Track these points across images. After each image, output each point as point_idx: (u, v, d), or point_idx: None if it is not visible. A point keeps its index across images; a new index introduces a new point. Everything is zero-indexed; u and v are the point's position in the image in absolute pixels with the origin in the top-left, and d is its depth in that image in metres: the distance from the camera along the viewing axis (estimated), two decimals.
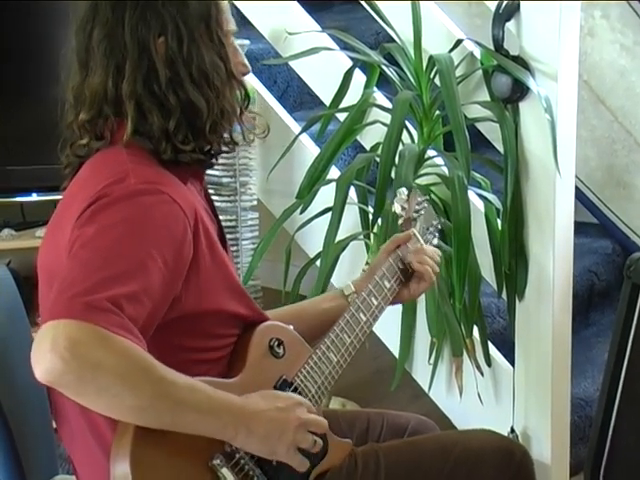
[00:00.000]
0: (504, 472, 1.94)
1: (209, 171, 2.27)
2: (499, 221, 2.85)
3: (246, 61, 1.95)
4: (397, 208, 2.21)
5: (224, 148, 1.93)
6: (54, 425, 2.07)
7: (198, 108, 1.83)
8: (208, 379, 1.74)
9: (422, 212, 2.23)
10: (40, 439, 2.04)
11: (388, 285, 2.12)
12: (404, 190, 2.25)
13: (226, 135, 1.92)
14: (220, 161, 2.10)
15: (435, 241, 2.33)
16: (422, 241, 2.21)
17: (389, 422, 2.17)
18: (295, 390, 1.88)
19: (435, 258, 2.19)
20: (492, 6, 2.78)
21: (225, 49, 1.88)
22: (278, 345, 1.91)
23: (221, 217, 2.05)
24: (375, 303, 2.07)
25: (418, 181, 2.82)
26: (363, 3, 3.00)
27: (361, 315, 2.03)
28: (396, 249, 2.17)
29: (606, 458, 2.00)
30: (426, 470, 1.95)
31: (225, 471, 1.70)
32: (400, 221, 2.21)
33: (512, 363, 2.99)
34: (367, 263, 2.92)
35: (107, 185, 1.72)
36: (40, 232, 3.31)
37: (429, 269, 2.15)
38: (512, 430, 2.96)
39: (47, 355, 1.53)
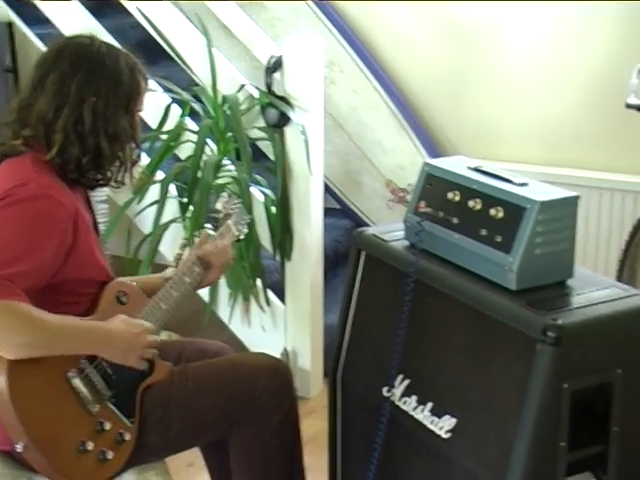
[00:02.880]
0: (273, 380, 1.90)
1: None
2: (273, 207, 2.81)
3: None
4: (219, 206, 2.10)
5: (112, 184, 1.85)
6: None
7: (105, 154, 1.76)
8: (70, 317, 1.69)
9: (236, 210, 2.12)
10: None
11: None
12: (225, 194, 2.23)
13: (118, 177, 1.83)
14: None
15: (246, 230, 2.18)
16: (234, 230, 2.06)
17: (197, 348, 2.06)
18: None
19: (228, 254, 2.01)
20: (264, 61, 2.75)
21: (134, 120, 1.81)
22: (123, 295, 1.83)
23: None
24: (197, 270, 1.94)
25: (217, 181, 2.75)
26: (178, 61, 2.91)
27: (186, 278, 1.92)
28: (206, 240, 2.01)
29: (342, 364, 1.99)
30: (222, 382, 1.88)
31: (76, 381, 1.67)
32: (221, 215, 2.10)
33: (284, 303, 2.96)
34: (185, 238, 2.82)
35: (13, 187, 1.64)
36: None
37: (217, 262, 1.97)
38: (285, 349, 2.94)
39: None
